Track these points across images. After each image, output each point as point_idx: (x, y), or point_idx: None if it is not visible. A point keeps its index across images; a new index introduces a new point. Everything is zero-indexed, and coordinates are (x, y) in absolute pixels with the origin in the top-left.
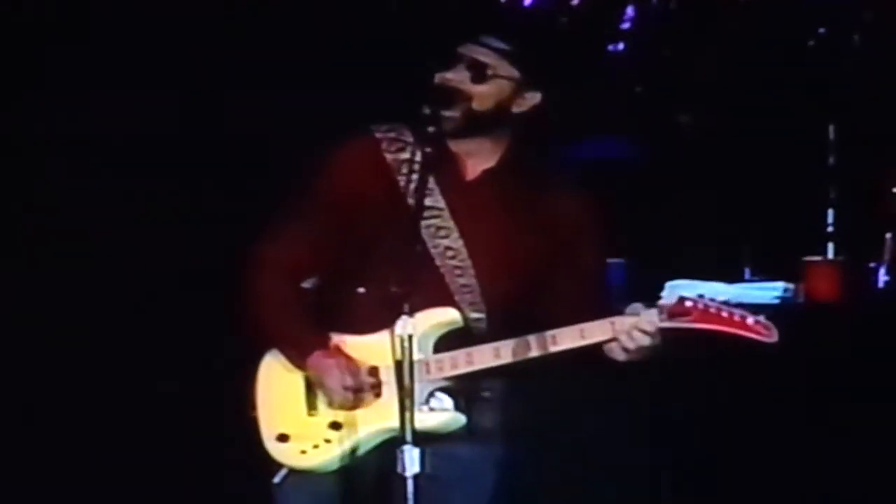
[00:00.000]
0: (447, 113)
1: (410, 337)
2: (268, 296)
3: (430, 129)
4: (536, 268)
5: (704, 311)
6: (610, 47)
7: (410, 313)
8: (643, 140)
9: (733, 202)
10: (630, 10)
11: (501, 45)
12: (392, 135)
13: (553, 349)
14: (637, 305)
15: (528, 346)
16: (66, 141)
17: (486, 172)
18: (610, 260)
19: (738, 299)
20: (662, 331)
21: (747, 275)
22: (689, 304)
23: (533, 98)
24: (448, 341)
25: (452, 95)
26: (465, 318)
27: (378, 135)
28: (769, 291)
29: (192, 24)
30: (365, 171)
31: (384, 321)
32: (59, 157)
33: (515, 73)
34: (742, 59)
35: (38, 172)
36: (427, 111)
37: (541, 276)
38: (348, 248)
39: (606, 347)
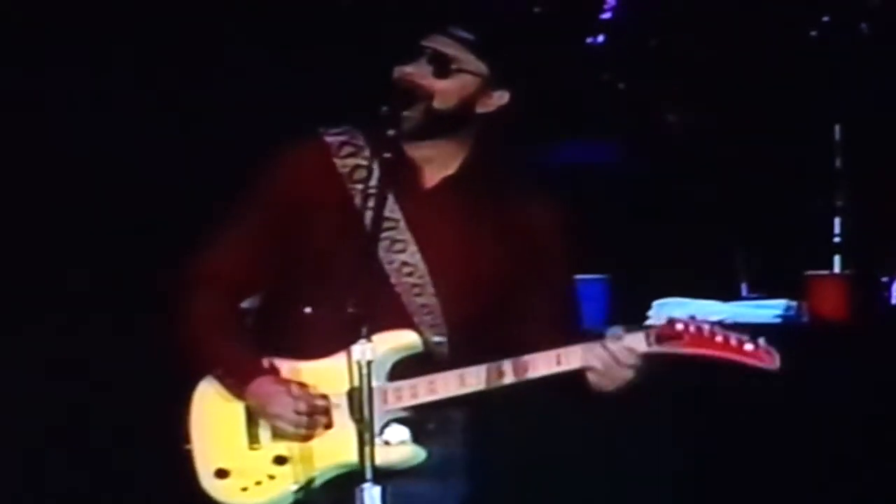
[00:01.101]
0: (406, 112)
1: (370, 363)
2: (202, 315)
3: (388, 131)
4: (503, 285)
5: (697, 334)
6: (589, 39)
7: (368, 336)
8: (627, 142)
9: (728, 210)
10: None
11: (467, 36)
12: (343, 138)
13: (526, 376)
14: (619, 329)
15: (499, 373)
16: None
17: (447, 179)
18: (590, 276)
19: (735, 319)
20: (649, 355)
21: (744, 291)
22: (679, 326)
23: (500, 97)
24: (405, 367)
25: (412, 92)
26: (425, 342)
27: (327, 138)
28: (769, 310)
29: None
30: (313, 178)
31: (336, 345)
32: None
33: (482, 68)
34: (738, 50)
35: None
36: (383, 110)
37: (508, 294)
38: (295, 264)
39: (587, 374)
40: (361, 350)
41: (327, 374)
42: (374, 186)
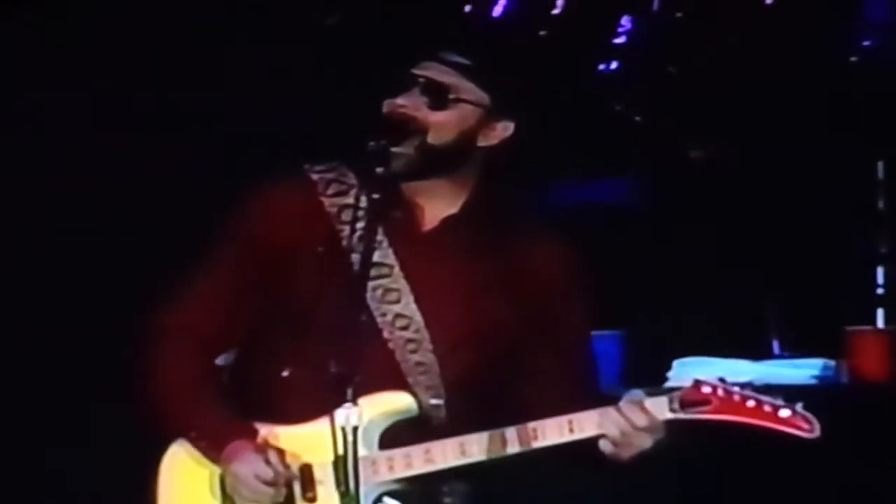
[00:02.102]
0: (398, 148)
1: (356, 429)
2: (172, 371)
3: (378, 168)
4: (509, 341)
5: (726, 399)
6: (602, 66)
7: (354, 399)
8: (643, 181)
9: (758, 258)
10: (626, 21)
11: (464, 62)
12: (330, 175)
13: (534, 445)
14: (639, 392)
15: (504, 442)
16: None
17: (447, 221)
18: (604, 331)
19: (767, 381)
20: (672, 422)
21: (777, 349)
22: (706, 389)
23: (505, 128)
24: (398, 433)
25: (405, 126)
26: (421, 405)
27: (314, 175)
28: (805, 370)
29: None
30: (296, 219)
31: (320, 408)
32: None
33: (483, 97)
34: (768, 78)
35: None
36: (374, 146)
37: (514, 352)
38: (275, 316)
39: (601, 442)
40: (346, 415)
41: (310, 441)
42: (364, 228)
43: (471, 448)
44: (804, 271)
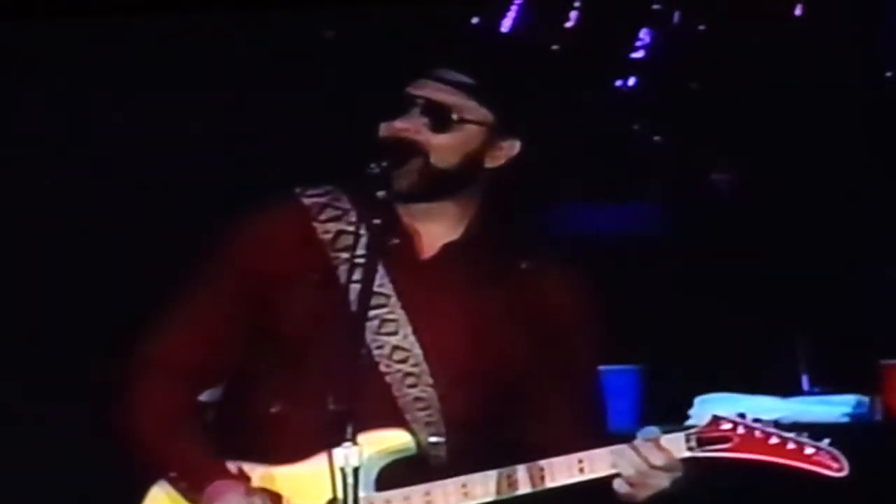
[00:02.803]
0: (399, 171)
1: (356, 470)
2: (152, 408)
3: (380, 192)
4: (514, 375)
5: (748, 436)
6: (618, 82)
7: (354, 438)
8: (663, 206)
9: (786, 287)
10: (645, 34)
11: (466, 80)
12: (324, 200)
13: (544, 486)
14: (655, 430)
15: (510, 482)
16: None
17: (448, 247)
18: (620, 366)
19: (796, 418)
20: (690, 461)
21: (806, 385)
22: (726, 426)
23: (511, 147)
24: (395, 473)
25: (405, 149)
26: (419, 443)
27: (305, 200)
28: (836, 407)
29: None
30: (288, 246)
31: (314, 447)
32: None
33: (487, 116)
34: (797, 95)
35: None
36: (374, 169)
37: (519, 386)
38: (266, 348)
39: (615, 482)
40: (345, 455)
41: (305, 482)
42: (361, 256)
43: (476, 489)
44: (835, 301)
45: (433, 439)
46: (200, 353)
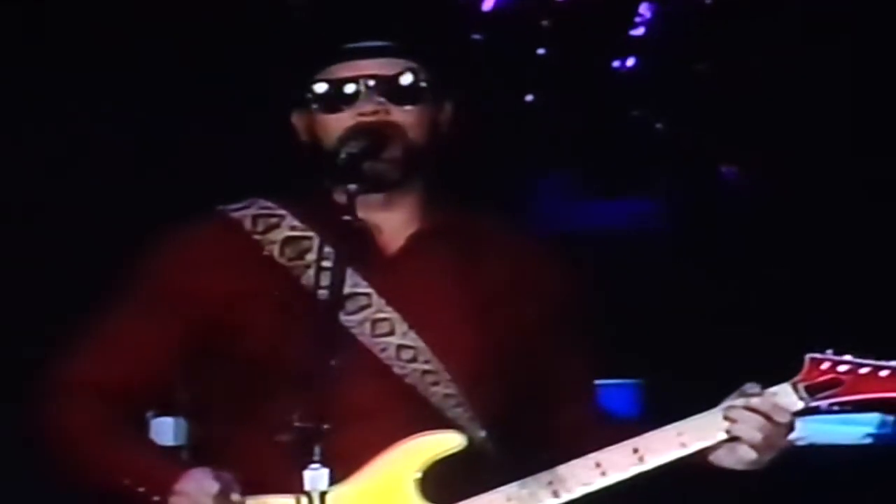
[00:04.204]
0: (384, 158)
1: (324, 495)
2: (83, 421)
3: (351, 185)
4: (528, 352)
5: (853, 373)
6: (616, 62)
7: (323, 459)
8: (667, 200)
9: (802, 291)
10: (645, 8)
11: (386, 43)
12: (253, 211)
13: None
14: (755, 386)
15: (626, 459)
16: None
17: (414, 238)
18: (618, 380)
19: (813, 440)
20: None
21: (824, 405)
22: (826, 366)
23: (447, 111)
24: (443, 480)
25: (385, 133)
26: (472, 441)
27: (234, 215)
28: (858, 427)
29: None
30: (230, 262)
31: (289, 474)
32: None
33: (431, 75)
34: (815, 79)
35: None
36: (344, 159)
37: (537, 366)
38: (228, 375)
39: (713, 456)
40: (312, 477)
41: None
42: (321, 259)
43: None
44: (854, 309)
45: (482, 433)
46: (124, 374)
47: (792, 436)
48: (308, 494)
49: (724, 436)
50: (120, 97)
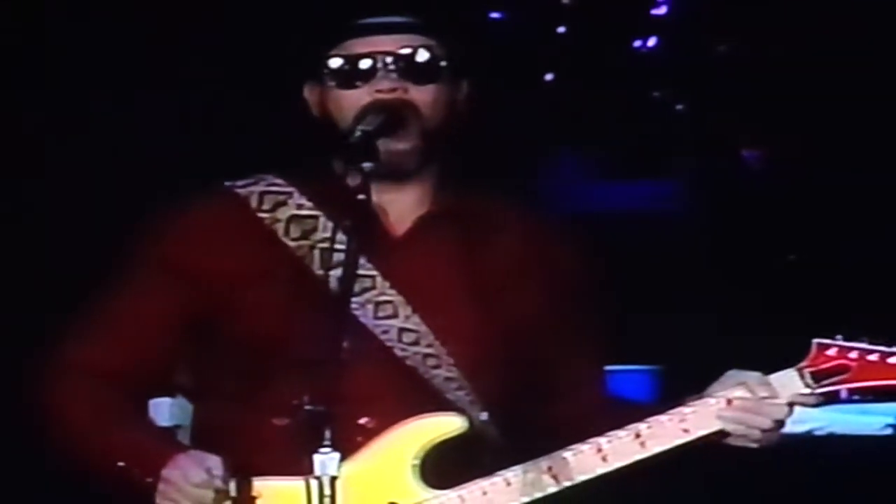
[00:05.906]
0: (403, 140)
1: (334, 480)
2: (79, 403)
3: (366, 164)
4: (534, 336)
5: (862, 360)
6: (636, 43)
7: (333, 443)
8: (688, 184)
9: (822, 278)
10: None
11: (409, 20)
12: (260, 188)
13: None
14: (742, 374)
15: (629, 446)
16: None
17: (421, 220)
18: (634, 367)
19: (832, 429)
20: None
21: (844, 393)
22: (833, 351)
23: (463, 90)
24: (445, 463)
25: (402, 112)
26: (472, 423)
27: (240, 191)
28: (877, 416)
29: None
30: (233, 240)
31: (292, 458)
32: None
33: (450, 53)
34: (842, 62)
35: None
36: (358, 137)
37: (548, 347)
38: (231, 357)
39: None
40: (322, 462)
41: (293, 497)
42: (329, 238)
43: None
44: (875, 297)
45: (484, 416)
46: (127, 356)
47: (812, 425)
48: (318, 479)
49: (720, 426)
50: (124, 71)
